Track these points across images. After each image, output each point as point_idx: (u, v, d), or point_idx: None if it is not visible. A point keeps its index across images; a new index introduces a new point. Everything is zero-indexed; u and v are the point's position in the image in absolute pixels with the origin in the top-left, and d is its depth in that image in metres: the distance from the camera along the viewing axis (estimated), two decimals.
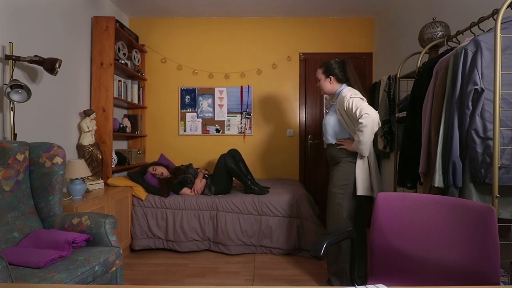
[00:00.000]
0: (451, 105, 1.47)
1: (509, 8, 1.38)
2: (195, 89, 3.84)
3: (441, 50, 2.12)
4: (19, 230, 1.69)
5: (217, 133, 3.84)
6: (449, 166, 1.45)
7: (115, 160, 3.09)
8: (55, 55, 2.36)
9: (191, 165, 3.36)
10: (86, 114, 2.70)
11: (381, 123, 2.87)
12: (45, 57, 2.13)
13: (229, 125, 3.84)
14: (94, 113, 2.74)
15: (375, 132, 1.95)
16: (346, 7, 3.53)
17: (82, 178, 2.36)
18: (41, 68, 2.20)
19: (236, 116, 3.84)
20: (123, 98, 3.30)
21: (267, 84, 3.84)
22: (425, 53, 2.18)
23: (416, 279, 1.20)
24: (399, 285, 1.21)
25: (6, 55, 1.95)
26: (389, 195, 1.30)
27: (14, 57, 1.95)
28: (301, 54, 3.82)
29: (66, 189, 2.36)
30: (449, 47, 1.99)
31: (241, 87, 3.82)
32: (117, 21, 3.02)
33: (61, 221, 1.80)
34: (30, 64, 2.10)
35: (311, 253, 1.16)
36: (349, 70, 2.13)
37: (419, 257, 1.20)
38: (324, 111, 3.83)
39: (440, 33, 2.10)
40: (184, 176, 3.07)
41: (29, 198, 1.83)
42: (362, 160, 2.03)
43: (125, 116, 3.65)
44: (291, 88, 3.85)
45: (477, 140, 1.38)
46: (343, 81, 2.15)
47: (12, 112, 1.94)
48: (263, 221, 2.80)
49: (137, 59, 3.58)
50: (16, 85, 1.88)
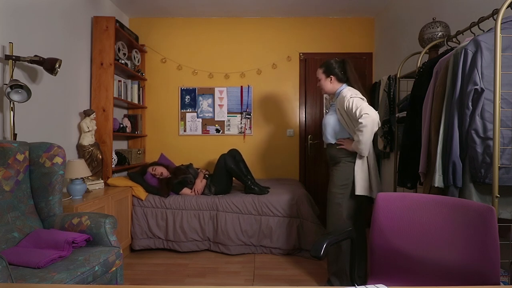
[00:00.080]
0: (451, 105, 1.47)
1: (509, 8, 1.38)
2: (195, 89, 3.84)
3: (441, 50, 2.12)
4: (19, 230, 1.69)
5: (217, 133, 3.84)
6: (449, 166, 1.45)
7: (115, 160, 3.09)
8: (55, 55, 2.36)
9: (191, 165, 3.36)
10: (86, 114, 2.70)
11: (381, 123, 2.87)
12: (45, 57, 2.13)
13: (229, 125, 3.84)
14: (94, 113, 2.74)
15: (375, 132, 1.95)
16: (346, 7, 3.53)
17: (82, 178, 2.36)
18: (41, 68, 2.20)
19: (236, 116, 3.84)
20: (123, 98, 3.30)
21: (267, 84, 3.84)
22: (425, 53, 2.18)
23: (416, 279, 1.20)
24: (399, 285, 1.21)
25: (6, 55, 1.95)
26: (389, 195, 1.30)
27: (14, 57, 1.95)
28: (301, 54, 3.82)
29: (66, 189, 2.36)
30: (449, 47, 1.99)
31: (241, 87, 3.82)
32: (117, 21, 3.02)
33: (61, 221, 1.80)
34: (30, 64, 2.10)
35: (311, 253, 1.16)
36: (349, 69, 2.13)
37: (419, 257, 1.20)
38: (324, 111, 3.83)
39: (440, 33, 2.10)
40: (184, 176, 3.06)
41: (29, 198, 1.83)
42: (361, 160, 2.03)
43: (125, 116, 3.65)
44: (291, 88, 3.85)
45: (477, 140, 1.38)
46: (344, 80, 2.15)
47: (12, 112, 1.94)
48: (263, 221, 2.80)
49: (137, 59, 3.58)
50: (16, 85, 1.88)
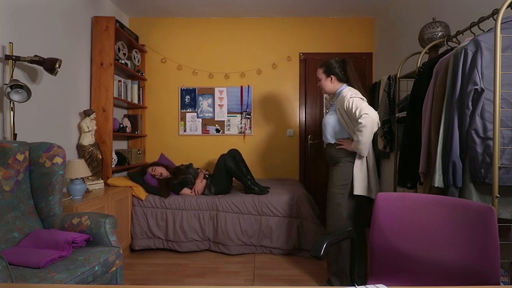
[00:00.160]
0: (451, 105, 1.47)
1: (509, 8, 1.38)
2: (195, 89, 3.84)
3: (441, 50, 2.12)
4: (19, 230, 1.69)
5: (217, 133, 3.84)
6: (449, 166, 1.45)
7: (115, 160, 3.09)
8: (55, 55, 2.36)
9: (191, 165, 3.36)
10: (86, 114, 2.70)
11: (381, 123, 2.89)
12: (45, 57, 2.13)
13: (229, 125, 3.84)
14: (94, 113, 2.74)
15: (375, 132, 1.95)
16: (346, 7, 3.53)
17: (82, 178, 2.36)
18: (41, 68, 2.20)
19: (236, 116, 3.84)
20: (123, 98, 3.30)
21: (267, 84, 3.84)
22: (425, 53, 2.18)
23: (416, 279, 1.20)
24: (399, 285, 1.21)
25: (6, 55, 1.95)
26: (389, 195, 1.30)
27: (14, 57, 1.95)
28: (301, 54, 3.82)
29: (66, 189, 2.36)
30: (449, 47, 1.99)
31: (241, 87, 3.82)
32: (117, 21, 3.02)
33: (61, 221, 1.80)
34: (30, 64, 2.10)
35: (311, 253, 1.16)
36: (349, 69, 2.13)
37: (419, 257, 1.20)
38: (324, 111, 3.83)
39: (440, 33, 2.10)
40: (184, 176, 3.06)
41: (29, 198, 1.83)
42: (361, 160, 2.03)
43: (125, 116, 3.65)
44: (291, 88, 3.85)
45: (477, 140, 1.38)
46: (344, 80, 2.15)
47: (12, 112, 1.94)
48: (263, 221, 2.80)
49: (137, 59, 3.58)
50: (16, 85, 1.88)
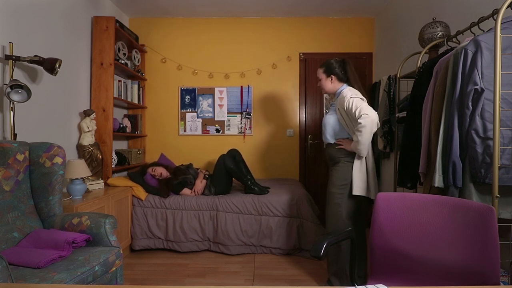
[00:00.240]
0: (451, 105, 1.47)
1: (509, 8, 1.38)
2: (195, 89, 3.84)
3: (441, 50, 2.12)
4: (19, 230, 1.69)
5: (217, 133, 3.84)
6: (449, 166, 1.45)
7: (115, 160, 3.09)
8: (55, 55, 2.36)
9: (191, 165, 3.36)
10: (86, 114, 2.70)
11: (381, 123, 2.89)
12: (45, 57, 2.13)
13: (229, 125, 3.84)
14: (94, 113, 2.74)
15: (375, 132, 1.95)
16: (346, 7, 3.53)
17: (82, 178, 2.36)
18: (41, 68, 2.20)
19: (236, 116, 3.84)
20: (123, 98, 3.30)
21: (267, 84, 3.84)
22: (425, 53, 2.18)
23: (416, 279, 1.20)
24: (399, 285, 1.21)
25: (6, 55, 1.95)
26: (389, 195, 1.30)
27: (14, 57, 1.95)
28: (301, 54, 3.82)
29: (66, 189, 2.36)
30: (449, 47, 1.99)
31: (241, 87, 3.82)
32: (117, 21, 3.02)
33: (61, 221, 1.80)
34: (30, 64, 2.10)
35: (311, 253, 1.16)
36: (349, 69, 2.13)
37: (419, 257, 1.20)
38: (324, 111, 3.83)
39: (440, 33, 2.10)
40: (184, 177, 3.06)
41: (29, 198, 1.83)
42: (360, 160, 2.03)
43: (125, 116, 3.65)
44: (291, 88, 3.85)
45: (477, 140, 1.38)
46: (344, 80, 2.15)
47: (12, 112, 1.94)
48: (263, 221, 2.80)
49: (137, 59, 3.58)
50: (16, 85, 1.88)
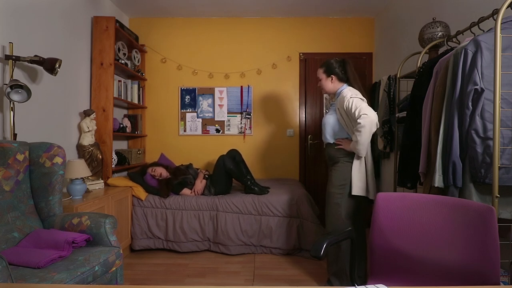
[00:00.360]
0: (451, 105, 1.47)
1: (509, 8, 1.38)
2: (195, 89, 3.84)
3: (441, 50, 2.12)
4: (19, 230, 1.69)
5: (217, 133, 3.84)
6: (449, 166, 1.45)
7: (115, 160, 3.09)
8: (55, 55, 2.36)
9: (191, 165, 3.36)
10: (86, 114, 2.70)
11: (381, 123, 2.89)
12: (45, 57, 2.13)
13: (229, 125, 3.84)
14: (94, 113, 2.74)
15: (374, 132, 1.95)
16: (346, 7, 3.53)
17: (82, 178, 2.36)
18: (41, 68, 2.20)
19: (236, 116, 3.84)
20: (123, 98, 3.30)
21: (267, 84, 3.84)
22: (425, 53, 2.18)
23: (416, 279, 1.20)
24: (399, 285, 1.21)
25: (6, 55, 1.95)
26: (389, 195, 1.30)
27: (14, 57, 1.95)
28: (301, 54, 3.82)
29: (66, 189, 2.36)
30: (449, 47, 1.99)
31: (241, 87, 3.82)
32: (117, 21, 3.02)
33: (61, 221, 1.80)
34: (30, 64, 2.10)
35: (311, 253, 1.16)
36: (349, 69, 2.14)
37: (419, 257, 1.20)
38: (324, 111, 3.83)
39: (440, 33, 2.10)
40: (184, 177, 3.06)
41: (29, 198, 1.83)
42: (359, 160, 2.04)
43: (125, 116, 3.65)
44: (291, 88, 3.85)
45: (477, 140, 1.38)
46: (344, 80, 2.15)
47: (12, 112, 1.94)
48: (263, 221, 2.80)
49: (137, 59, 3.58)
50: (16, 85, 1.88)
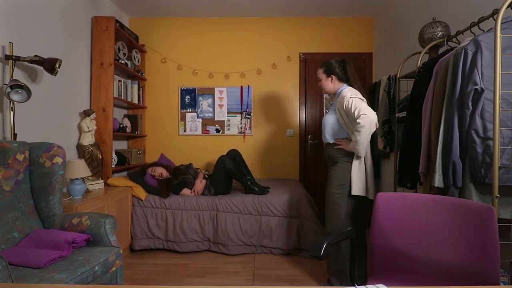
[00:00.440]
0: (451, 105, 1.47)
1: (509, 8, 1.38)
2: (195, 89, 3.84)
3: (441, 50, 2.12)
4: (19, 230, 1.69)
5: (217, 133, 3.84)
6: (449, 166, 1.45)
7: (115, 160, 3.09)
8: (55, 55, 2.36)
9: (191, 165, 3.36)
10: (86, 114, 2.70)
11: (381, 123, 2.89)
12: (45, 57, 2.13)
13: (229, 125, 3.84)
14: (94, 113, 2.74)
15: (374, 132, 1.96)
16: (346, 7, 3.53)
17: (82, 178, 2.36)
18: (41, 68, 2.20)
19: (236, 116, 3.84)
20: (123, 98, 3.30)
21: (267, 84, 3.84)
22: (425, 53, 2.18)
23: (416, 279, 1.20)
24: (399, 285, 1.21)
25: (6, 55, 1.95)
26: (389, 195, 1.30)
27: (14, 57, 1.95)
28: (301, 54, 3.82)
29: (66, 189, 2.36)
30: (449, 47, 1.99)
31: (241, 87, 3.82)
32: (117, 21, 3.02)
33: (61, 221, 1.80)
34: (30, 64, 2.10)
35: (311, 253, 1.16)
36: (349, 69, 2.14)
37: (419, 257, 1.20)
38: (324, 111, 3.83)
39: (440, 33, 2.10)
40: (184, 177, 3.06)
41: (29, 198, 1.83)
42: (358, 160, 2.04)
43: (125, 116, 3.65)
44: (291, 88, 3.85)
45: (477, 140, 1.38)
46: (344, 80, 2.15)
47: (12, 112, 1.94)
48: (263, 221, 2.80)
49: (137, 59, 3.58)
50: (16, 85, 1.88)
